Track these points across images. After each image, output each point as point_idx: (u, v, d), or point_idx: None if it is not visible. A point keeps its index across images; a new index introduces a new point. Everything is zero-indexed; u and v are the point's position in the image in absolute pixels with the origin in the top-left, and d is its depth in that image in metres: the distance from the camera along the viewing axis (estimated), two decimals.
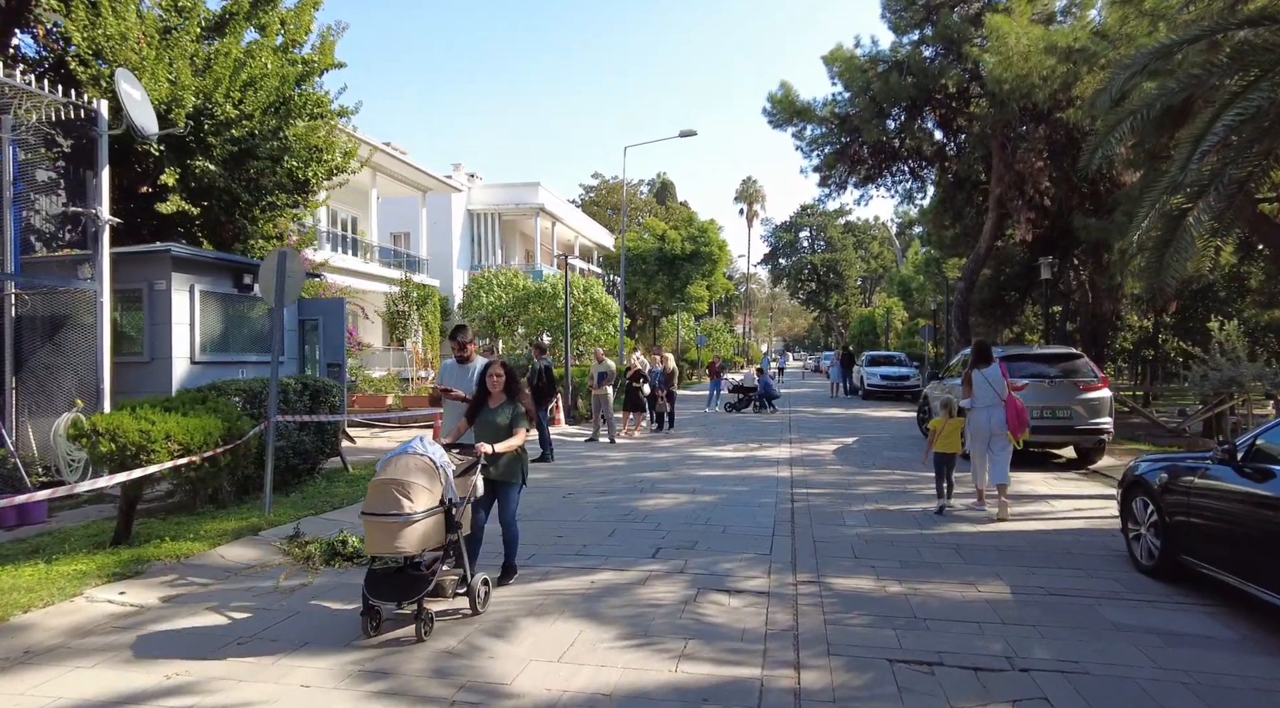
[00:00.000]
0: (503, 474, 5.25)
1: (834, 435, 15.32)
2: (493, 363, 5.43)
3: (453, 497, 4.52)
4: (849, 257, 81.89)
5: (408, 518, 4.22)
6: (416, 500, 4.28)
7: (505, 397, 5.30)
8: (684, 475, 10.27)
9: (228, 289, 10.66)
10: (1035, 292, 31.40)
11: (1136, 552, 5.70)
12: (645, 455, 12.43)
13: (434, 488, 4.40)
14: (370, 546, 4.37)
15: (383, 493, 4.29)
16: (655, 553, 6.23)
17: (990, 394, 7.86)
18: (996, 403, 7.84)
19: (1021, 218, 23.45)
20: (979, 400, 7.93)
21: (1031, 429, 10.68)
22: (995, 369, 7.93)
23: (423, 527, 4.32)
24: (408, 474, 4.34)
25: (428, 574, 4.42)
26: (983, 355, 8.09)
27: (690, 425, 17.40)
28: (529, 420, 5.34)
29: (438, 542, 4.47)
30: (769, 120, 27.23)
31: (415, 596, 4.28)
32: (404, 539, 4.23)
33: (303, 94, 11.79)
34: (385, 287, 24.89)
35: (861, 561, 6.03)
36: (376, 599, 4.33)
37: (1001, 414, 7.81)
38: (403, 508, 4.23)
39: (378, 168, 26.03)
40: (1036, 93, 21.01)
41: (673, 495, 8.82)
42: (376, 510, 4.28)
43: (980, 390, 7.91)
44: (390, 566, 4.44)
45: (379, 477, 4.39)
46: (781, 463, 11.39)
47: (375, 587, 4.35)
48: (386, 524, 4.23)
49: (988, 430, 7.86)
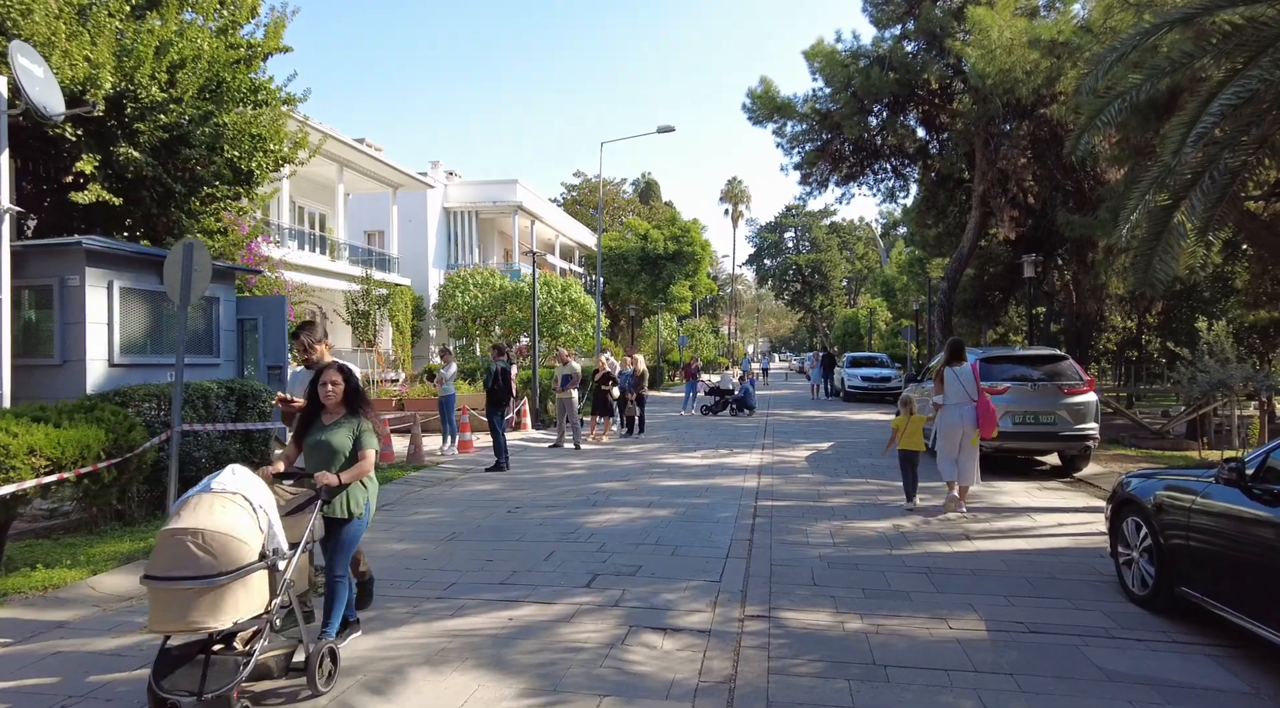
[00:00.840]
0: (333, 509, 4.03)
1: (809, 440, 14.69)
2: (328, 367, 4.25)
3: (277, 546, 3.48)
4: (834, 258, 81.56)
5: (210, 581, 3.15)
6: (222, 555, 3.20)
7: (344, 410, 4.18)
8: (644, 486, 9.58)
9: (153, 285, 9.88)
10: (1019, 291, 30.99)
11: (1128, 579, 5.07)
12: (608, 463, 11.75)
13: (249, 536, 3.33)
14: (155, 621, 3.20)
15: (172, 548, 3.19)
16: (591, 581, 5.54)
17: (961, 392, 7.91)
18: (967, 401, 7.91)
19: (1005, 216, 22.97)
20: (950, 398, 7.96)
21: (1013, 436, 10.15)
22: (967, 368, 8.02)
23: (233, 590, 3.22)
24: (209, 520, 3.26)
25: (243, 654, 3.40)
26: (956, 354, 8.16)
27: (662, 430, 16.73)
28: (378, 438, 4.33)
29: (257, 608, 3.37)
30: (749, 116, 26.63)
31: (224, 685, 3.20)
32: (204, 610, 3.16)
33: (241, 78, 11.01)
34: (352, 286, 24.01)
35: (820, 589, 5.37)
36: (169, 691, 3.19)
37: (972, 412, 7.88)
38: (201, 567, 3.16)
39: (346, 163, 25.23)
40: (1020, 87, 20.53)
41: (626, 510, 8.13)
42: (162, 572, 3.17)
43: (951, 388, 7.96)
44: (190, 642, 3.42)
45: (168, 526, 3.28)
46: (750, 471, 10.73)
47: (167, 673, 3.25)
48: (178, 591, 3.15)
49: (960, 428, 7.88)
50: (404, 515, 8.04)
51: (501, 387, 11.52)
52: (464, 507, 8.42)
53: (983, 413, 7.85)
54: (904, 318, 44.60)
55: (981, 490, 9.21)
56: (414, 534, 7.12)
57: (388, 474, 10.13)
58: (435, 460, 11.76)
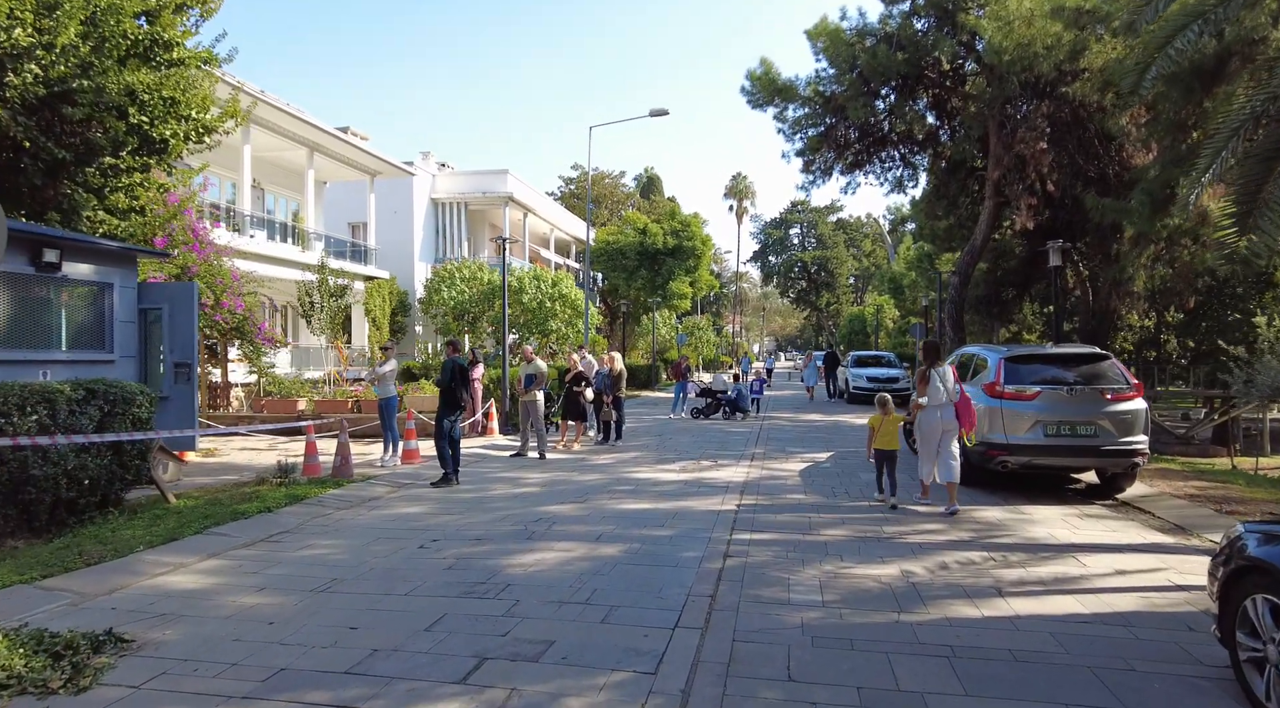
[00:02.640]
0: None
1: (806, 449, 13.03)
2: None
3: None
4: (840, 254, 79.71)
5: None
6: None
7: None
8: (599, 511, 7.95)
9: (20, 267, 8.27)
10: (1034, 288, 29.32)
11: (1256, 687, 3.41)
12: (569, 478, 10.12)
13: None
14: None
15: None
16: (469, 674, 3.89)
17: (941, 393, 7.94)
18: (947, 401, 7.93)
19: (1022, 204, 21.27)
20: (931, 398, 7.98)
21: (1045, 450, 8.49)
22: (946, 368, 8.09)
23: None
24: None
25: None
26: (933, 355, 8.19)
27: (644, 436, 15.10)
28: None
29: None
30: (748, 100, 25.04)
31: None
32: None
33: (129, 25, 9.40)
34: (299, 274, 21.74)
35: (797, 690, 3.73)
36: None
37: (952, 412, 7.91)
38: None
39: (316, 147, 23.67)
40: (1040, 63, 18.87)
41: (567, 546, 6.50)
42: None
43: (932, 389, 7.98)
44: None
45: None
46: (732, 490, 9.09)
47: None
48: None
49: (939, 427, 7.95)
50: (289, 550, 6.43)
51: (455, 386, 9.92)
52: (371, 539, 6.82)
53: (963, 411, 7.90)
54: (912, 316, 42.84)
55: (1008, 518, 7.56)
56: (281, 581, 5.51)
57: (296, 492, 8.53)
58: (369, 474, 10.16)
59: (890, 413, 8.29)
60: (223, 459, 11.96)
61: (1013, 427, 8.50)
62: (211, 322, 15.18)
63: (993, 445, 8.58)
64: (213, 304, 14.94)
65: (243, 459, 11.95)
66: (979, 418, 8.70)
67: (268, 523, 7.32)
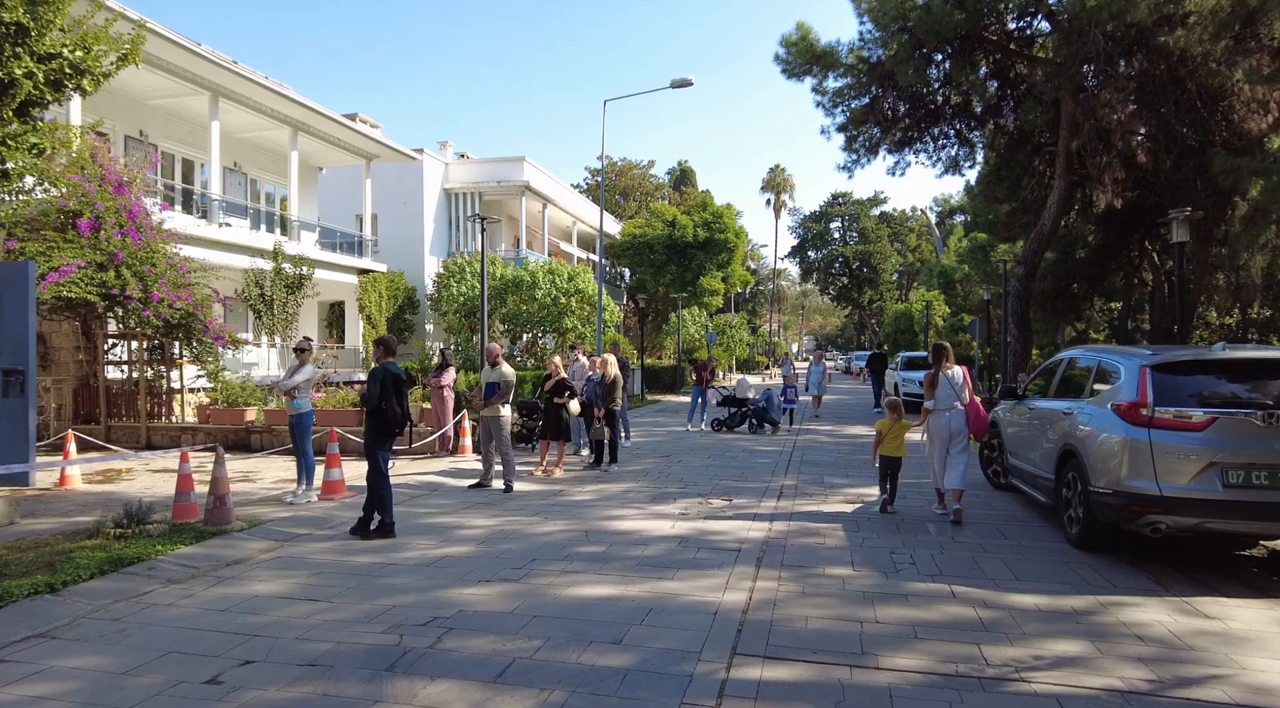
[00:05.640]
0: None
1: (851, 480, 10.19)
2: None
3: None
4: (884, 249, 75.90)
5: None
6: None
7: None
8: (536, 600, 5.23)
9: None
10: (1108, 280, 25.98)
11: None
12: (524, 527, 7.45)
13: None
14: None
15: None
16: None
17: (950, 397, 7.63)
18: (956, 406, 7.62)
19: (1107, 178, 18.03)
20: (940, 403, 7.66)
21: (1227, 507, 5.56)
22: (957, 371, 7.73)
23: None
24: None
25: None
26: (942, 357, 7.74)
27: (648, 455, 12.37)
28: None
29: None
30: (782, 69, 22.26)
31: None
32: None
33: None
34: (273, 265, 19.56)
35: None
36: None
37: (961, 418, 7.63)
38: None
39: (301, 127, 21.44)
40: (1135, 9, 15.68)
41: (442, 691, 3.83)
42: None
43: (941, 392, 7.66)
44: None
45: None
46: (745, 556, 6.32)
47: None
48: None
49: (947, 432, 7.64)
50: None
51: (388, 405, 7.21)
52: (154, 655, 4.23)
53: (973, 416, 7.65)
54: (965, 313, 39.40)
55: (1186, 628, 4.62)
56: None
57: (126, 552, 5.96)
58: (261, 517, 7.61)
59: (901, 419, 8.08)
60: (114, 487, 9.59)
61: (1171, 471, 5.60)
62: (140, 318, 12.90)
63: (1138, 498, 5.69)
64: (141, 297, 12.66)
65: (139, 487, 9.56)
66: (1108, 454, 5.87)
67: (27, 616, 4.79)
